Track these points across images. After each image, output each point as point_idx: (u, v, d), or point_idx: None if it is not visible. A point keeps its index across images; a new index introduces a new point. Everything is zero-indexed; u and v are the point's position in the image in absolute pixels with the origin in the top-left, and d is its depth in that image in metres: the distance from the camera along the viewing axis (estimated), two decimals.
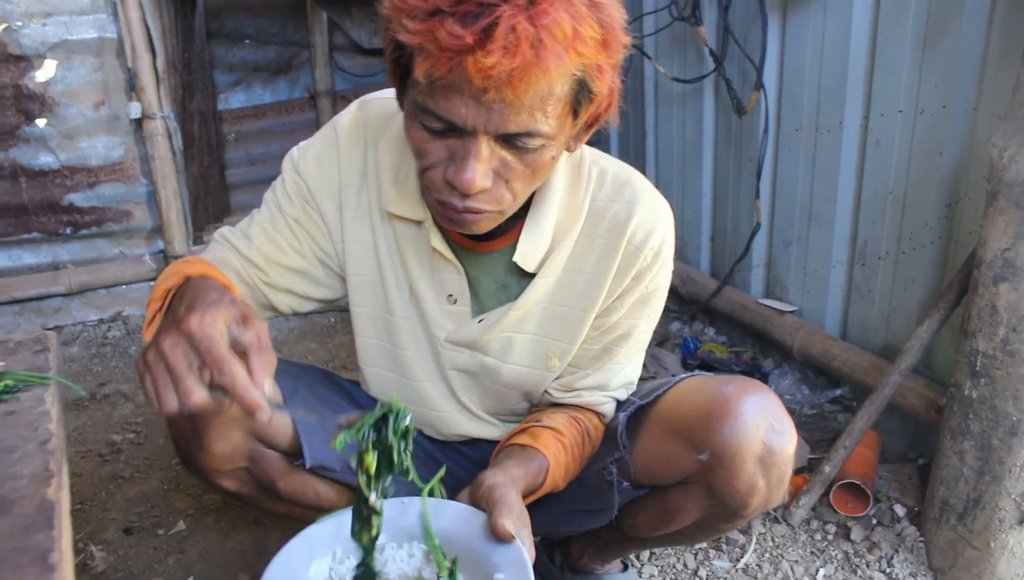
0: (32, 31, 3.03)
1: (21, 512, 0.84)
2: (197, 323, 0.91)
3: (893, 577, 1.89)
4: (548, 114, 1.03)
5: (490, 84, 0.95)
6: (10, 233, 3.26)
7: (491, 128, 1.02)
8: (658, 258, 1.34)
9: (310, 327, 3.56)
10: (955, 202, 2.11)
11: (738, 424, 1.26)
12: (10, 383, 1.13)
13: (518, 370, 1.41)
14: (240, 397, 0.89)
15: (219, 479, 1.38)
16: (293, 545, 1.10)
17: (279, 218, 1.38)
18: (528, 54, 0.93)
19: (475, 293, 1.37)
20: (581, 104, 1.08)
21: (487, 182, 1.08)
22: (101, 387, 2.97)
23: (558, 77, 0.98)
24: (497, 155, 1.07)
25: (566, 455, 1.37)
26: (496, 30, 0.92)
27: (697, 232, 3.30)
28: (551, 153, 1.11)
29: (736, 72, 2.84)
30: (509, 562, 1.05)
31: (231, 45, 4.39)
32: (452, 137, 1.07)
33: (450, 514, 1.15)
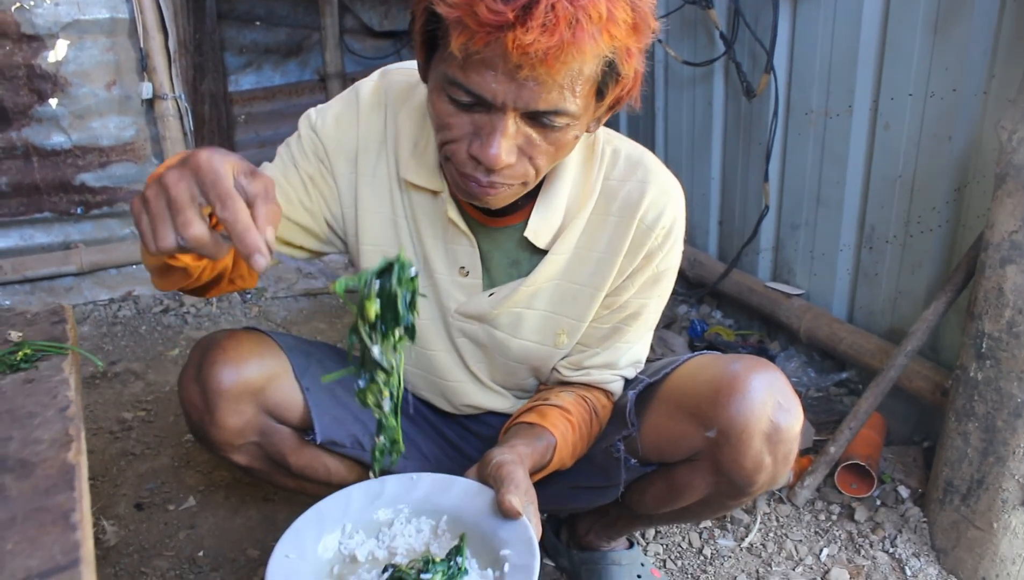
0: (45, 11, 3.04)
1: (43, 474, 0.86)
2: (206, 159, 0.86)
3: (896, 557, 1.91)
4: (577, 93, 1.05)
5: (526, 61, 0.96)
6: (22, 213, 3.28)
7: (520, 104, 1.04)
8: (669, 238, 1.35)
9: (319, 308, 3.58)
10: (964, 186, 2.12)
11: (745, 401, 1.27)
12: (29, 353, 1.16)
13: (527, 345, 1.43)
14: (240, 236, 0.84)
15: (230, 453, 1.40)
16: (303, 520, 1.12)
17: (292, 172, 1.38)
18: (565, 33, 0.94)
19: (487, 267, 1.39)
20: (608, 85, 1.09)
21: (512, 158, 1.10)
22: (112, 366, 3.00)
23: (591, 57, 1.00)
24: (522, 132, 1.09)
25: (574, 434, 1.39)
26: (536, 8, 0.93)
27: (705, 215, 3.31)
28: (575, 132, 1.12)
29: (746, 55, 2.84)
30: (515, 538, 1.06)
31: (242, 27, 4.41)
32: (479, 112, 1.08)
33: (458, 490, 1.17)
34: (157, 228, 0.86)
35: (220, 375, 1.29)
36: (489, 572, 1.06)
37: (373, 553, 1.12)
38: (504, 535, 1.08)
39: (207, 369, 1.31)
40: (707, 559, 1.93)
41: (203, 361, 1.32)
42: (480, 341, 1.45)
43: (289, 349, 1.44)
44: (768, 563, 1.92)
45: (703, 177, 3.26)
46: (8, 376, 1.12)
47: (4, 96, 3.08)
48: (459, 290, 1.40)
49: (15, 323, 1.28)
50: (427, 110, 1.17)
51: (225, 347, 1.33)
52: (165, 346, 3.19)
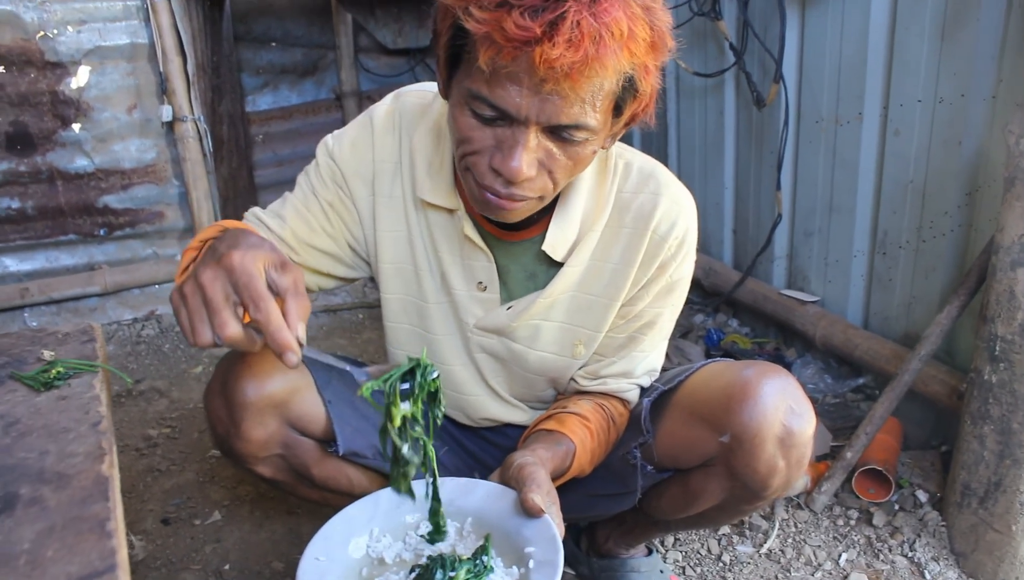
0: (67, 38, 3.11)
1: (79, 486, 0.90)
2: (239, 259, 0.94)
3: (915, 561, 1.92)
4: (597, 109, 1.08)
5: (551, 76, 0.99)
6: (47, 235, 3.35)
7: (543, 119, 1.07)
8: (682, 248, 1.38)
9: (339, 323, 3.63)
10: (974, 190, 2.13)
11: (758, 406, 1.29)
12: (62, 370, 1.20)
13: (545, 357, 1.46)
14: (273, 336, 0.92)
15: (255, 466, 1.43)
16: (332, 524, 1.16)
17: (312, 200, 1.42)
18: (590, 49, 0.97)
19: (504, 281, 1.42)
20: (626, 101, 1.12)
21: (532, 171, 1.12)
22: (137, 384, 3.05)
23: (612, 73, 1.03)
24: (543, 146, 1.11)
25: (592, 440, 1.41)
26: (563, 24, 0.96)
27: (719, 224, 3.33)
28: (593, 147, 1.15)
29: (756, 65, 2.86)
30: (539, 536, 1.09)
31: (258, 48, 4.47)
32: (501, 126, 1.11)
33: (481, 493, 1.20)
34: (195, 325, 0.94)
35: (245, 389, 1.32)
36: (514, 570, 1.08)
37: (400, 555, 1.16)
38: (528, 533, 1.10)
39: (232, 383, 1.34)
40: (726, 565, 1.94)
41: (228, 375, 1.35)
42: (498, 354, 1.48)
43: (311, 362, 1.47)
44: (787, 569, 1.93)
45: (716, 186, 3.29)
46: (43, 393, 1.16)
47: (29, 122, 3.16)
48: (477, 305, 1.43)
49: (47, 343, 1.32)
50: (448, 125, 1.21)
51: (249, 362, 1.36)
52: (188, 364, 3.24)
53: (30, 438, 1.02)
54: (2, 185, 3.21)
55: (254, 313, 0.92)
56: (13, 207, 3.25)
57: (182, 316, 0.96)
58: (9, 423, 1.07)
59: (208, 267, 0.95)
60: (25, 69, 3.10)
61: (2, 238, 3.28)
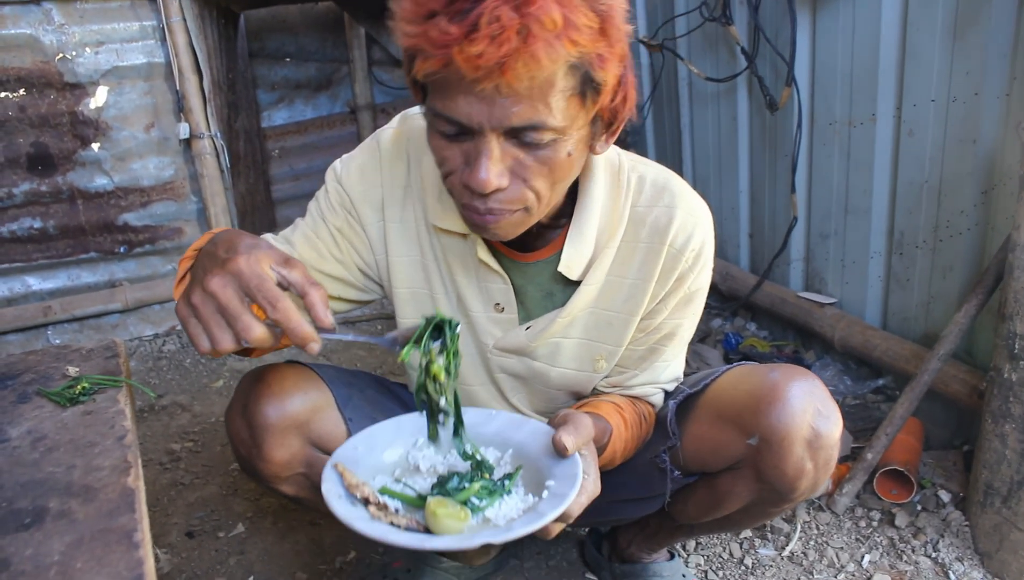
0: (85, 59, 3.16)
1: (106, 498, 0.92)
2: (245, 262, 0.96)
3: (939, 562, 1.91)
4: (552, 106, 1.03)
5: (481, 74, 0.96)
6: (69, 254, 3.39)
7: (495, 123, 1.03)
8: (699, 259, 1.36)
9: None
10: (991, 189, 2.12)
11: (786, 409, 1.30)
12: (87, 386, 1.22)
13: (566, 373, 1.45)
14: (294, 332, 0.95)
15: (279, 485, 1.44)
16: (382, 426, 1.23)
17: (322, 226, 1.42)
18: (515, 41, 0.93)
19: (521, 301, 1.41)
20: (588, 96, 1.07)
21: (503, 181, 1.09)
22: (159, 399, 3.08)
23: (552, 66, 0.98)
24: (510, 153, 1.08)
25: (627, 430, 1.40)
26: (481, 20, 0.93)
27: (735, 229, 3.33)
28: (566, 149, 1.10)
29: (768, 69, 2.87)
30: (562, 473, 1.11)
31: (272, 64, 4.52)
32: (466, 140, 1.09)
33: (528, 429, 1.23)
34: (213, 332, 0.96)
35: (265, 410, 1.34)
36: (530, 497, 1.11)
37: (435, 466, 1.19)
38: (555, 470, 1.13)
39: (252, 405, 1.35)
40: (748, 569, 1.94)
41: (248, 397, 1.37)
42: (519, 374, 1.48)
43: (331, 381, 1.48)
44: (810, 571, 1.92)
45: (731, 191, 3.29)
46: (68, 409, 1.18)
47: (50, 143, 3.21)
48: (496, 326, 1.42)
49: (72, 359, 1.35)
50: None
51: (269, 382, 1.37)
52: (210, 378, 3.26)
53: (57, 453, 1.04)
54: (24, 205, 3.26)
55: (272, 313, 0.94)
56: (35, 227, 3.30)
57: (191, 325, 0.97)
58: (37, 438, 1.09)
59: (214, 274, 0.96)
60: (45, 91, 3.15)
61: (25, 257, 3.32)
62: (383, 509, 1.07)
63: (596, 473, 1.17)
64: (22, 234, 3.29)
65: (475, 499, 1.10)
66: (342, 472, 1.11)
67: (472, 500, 1.09)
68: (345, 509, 1.04)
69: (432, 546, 1.01)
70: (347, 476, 1.10)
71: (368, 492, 1.09)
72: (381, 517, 1.06)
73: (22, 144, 3.17)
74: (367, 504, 1.08)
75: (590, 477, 1.14)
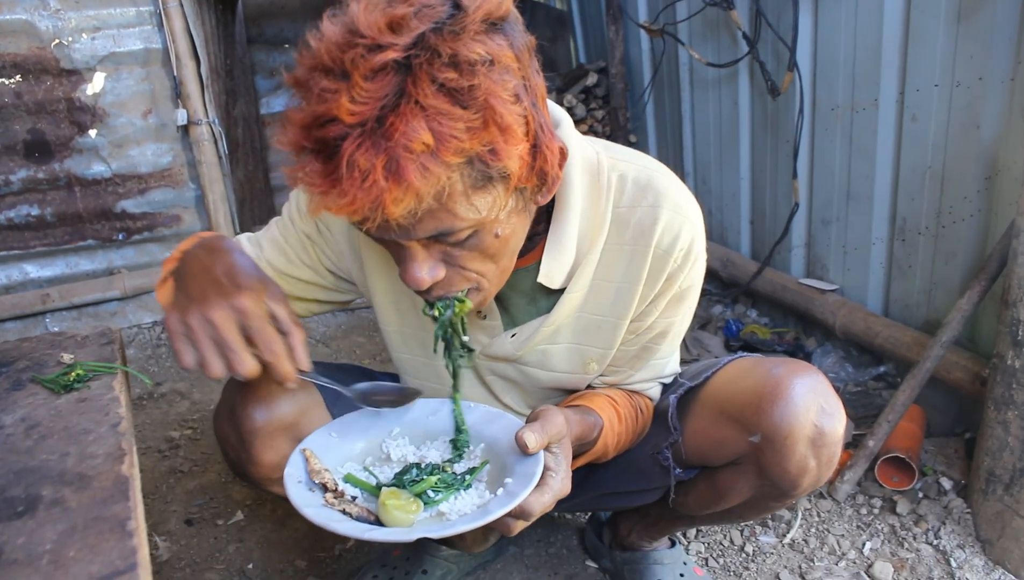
0: (82, 45, 3.14)
1: (99, 486, 0.91)
2: (251, 302, 0.98)
3: (940, 549, 1.90)
4: (456, 211, 0.97)
5: (363, 215, 0.91)
6: (67, 241, 3.37)
7: (404, 237, 0.99)
8: (689, 257, 1.30)
9: (357, 322, 3.63)
10: (994, 174, 2.11)
11: (789, 406, 1.28)
12: (81, 373, 1.21)
13: (557, 376, 1.43)
14: (277, 369, 0.99)
15: (270, 487, 1.41)
16: (361, 413, 1.26)
17: (291, 230, 1.41)
18: (383, 182, 0.87)
19: (504, 308, 1.37)
20: (493, 185, 0.99)
21: (438, 273, 1.06)
22: (158, 386, 3.07)
23: (432, 187, 0.91)
24: (436, 249, 1.05)
25: (620, 424, 1.39)
26: (339, 171, 0.88)
27: (736, 215, 3.31)
28: (493, 233, 1.05)
29: (770, 54, 2.85)
30: (521, 471, 1.11)
31: (271, 50, 4.48)
32: (390, 242, 1.05)
33: (501, 424, 1.23)
34: (206, 357, 0.97)
35: (253, 415, 1.32)
36: (487, 493, 1.12)
37: (406, 456, 1.21)
38: (517, 467, 1.12)
39: (239, 409, 1.33)
40: (749, 556, 1.93)
41: (235, 402, 1.35)
42: (509, 376, 1.46)
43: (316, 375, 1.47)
44: (810, 559, 1.92)
45: (733, 177, 3.27)
46: (63, 396, 1.17)
47: (46, 129, 3.19)
48: (481, 332, 1.39)
49: (67, 346, 1.34)
50: None
51: (255, 386, 1.34)
52: None
53: (51, 440, 1.03)
54: (21, 192, 3.24)
55: (267, 355, 0.98)
56: (33, 214, 3.28)
57: (181, 342, 0.98)
58: (30, 426, 1.08)
59: (218, 305, 0.98)
60: (41, 77, 3.12)
61: (23, 245, 3.31)
62: (339, 497, 1.07)
63: (566, 471, 1.14)
64: (20, 221, 3.27)
65: (430, 492, 1.10)
66: (308, 457, 1.12)
67: (427, 493, 1.10)
68: (299, 494, 1.06)
69: (370, 537, 1.00)
70: (312, 462, 1.12)
71: (328, 479, 1.10)
72: (334, 505, 1.07)
73: (18, 131, 3.15)
74: (325, 491, 1.09)
75: (557, 475, 1.11)
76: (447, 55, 0.89)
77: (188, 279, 1.04)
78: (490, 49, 0.93)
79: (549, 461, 1.12)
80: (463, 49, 0.90)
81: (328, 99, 0.88)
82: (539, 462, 1.09)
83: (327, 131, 0.88)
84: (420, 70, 0.88)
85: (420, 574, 1.80)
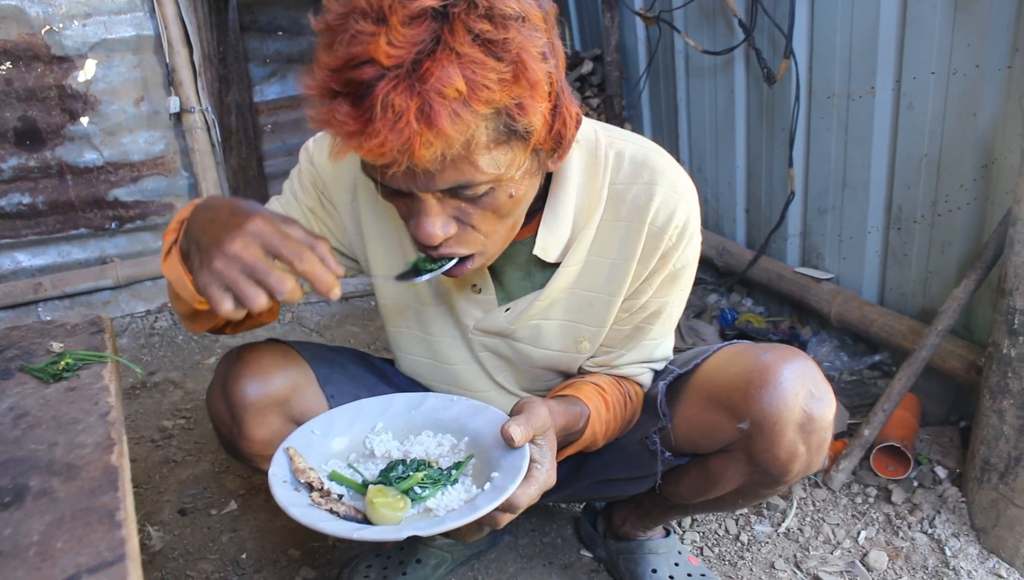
0: (73, 32, 3.11)
1: (88, 476, 0.89)
2: (263, 221, 0.97)
3: (935, 538, 1.90)
4: (478, 163, 0.99)
5: (390, 159, 0.93)
6: (59, 230, 3.36)
7: (422, 188, 1.01)
8: (683, 236, 1.30)
9: (351, 311, 3.62)
10: (991, 162, 2.10)
11: (777, 392, 1.27)
12: (71, 362, 1.20)
13: (549, 354, 1.43)
14: (321, 279, 0.95)
15: (261, 464, 1.41)
16: (344, 409, 1.24)
17: (294, 206, 1.41)
18: (415, 124, 0.89)
19: (499, 281, 1.38)
20: (514, 141, 1.02)
21: (449, 230, 1.08)
22: (151, 376, 3.05)
23: (464, 133, 0.94)
24: (451, 204, 1.06)
25: (608, 412, 1.38)
26: (374, 111, 0.89)
27: (732, 203, 3.30)
28: (507, 192, 1.07)
29: (766, 41, 2.83)
30: (508, 464, 1.10)
31: (264, 37, 4.44)
32: (404, 196, 1.07)
33: (485, 417, 1.23)
34: (245, 291, 0.94)
35: (245, 389, 1.32)
36: (474, 488, 1.12)
37: (390, 452, 1.20)
38: (503, 461, 1.12)
39: (231, 384, 1.34)
40: (744, 545, 1.93)
41: (227, 377, 1.35)
42: (502, 353, 1.46)
43: (312, 358, 1.46)
44: (805, 548, 1.91)
45: (728, 165, 3.26)
46: (52, 385, 1.15)
47: (37, 117, 3.16)
48: (475, 306, 1.39)
49: (56, 334, 1.32)
50: None
51: (248, 361, 1.35)
52: (202, 355, 3.24)
53: (39, 430, 1.02)
54: (12, 180, 3.21)
55: (299, 265, 0.95)
56: (24, 202, 3.26)
57: (214, 290, 0.96)
58: (19, 415, 1.06)
59: (233, 237, 0.96)
60: (32, 64, 3.10)
61: (14, 233, 3.29)
62: (326, 495, 1.07)
63: (551, 463, 1.15)
64: (11, 210, 3.25)
65: (417, 488, 1.10)
66: (292, 456, 1.11)
67: (414, 489, 1.09)
68: (285, 494, 1.04)
69: (359, 536, 0.99)
70: (296, 460, 1.10)
71: (313, 478, 1.09)
72: (321, 504, 1.06)
73: (9, 118, 3.13)
74: (311, 490, 1.08)
75: (543, 467, 1.12)
76: (483, 7, 0.93)
77: (198, 236, 1.03)
78: (522, 6, 0.97)
79: (534, 453, 1.12)
80: (498, 3, 0.94)
81: (365, 41, 0.90)
82: (525, 455, 1.09)
83: (361, 72, 0.90)
84: (456, 19, 0.91)
85: (415, 563, 1.80)
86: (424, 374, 1.55)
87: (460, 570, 1.88)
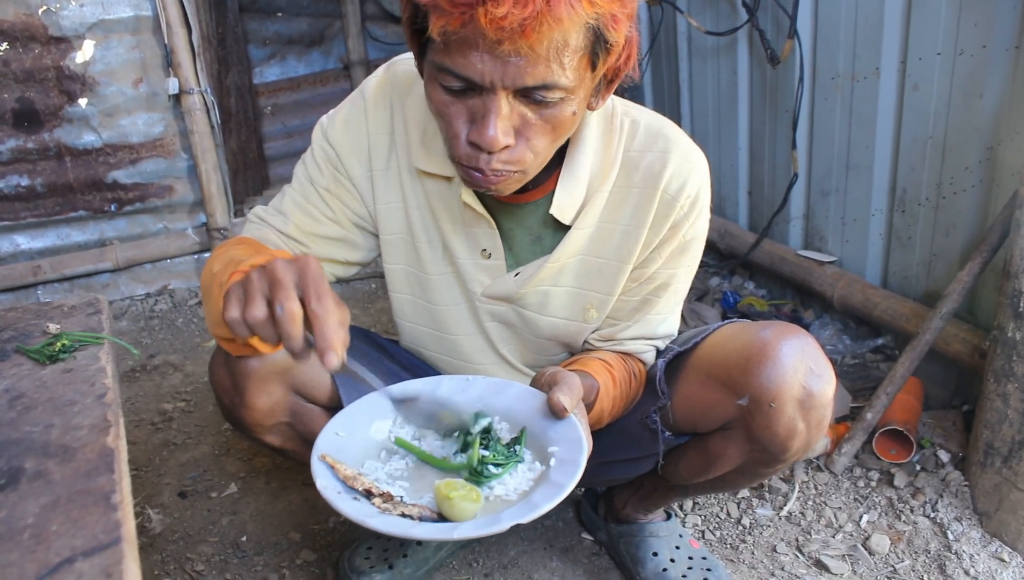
0: (71, 12, 3.08)
1: (84, 459, 0.88)
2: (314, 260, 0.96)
3: (938, 522, 1.89)
4: (565, 66, 1.03)
5: (503, 35, 0.94)
6: (57, 212, 3.33)
7: (508, 82, 1.02)
8: (695, 207, 1.33)
9: (352, 294, 3.61)
10: (997, 144, 2.08)
11: (776, 368, 1.27)
12: (67, 343, 1.18)
13: (555, 322, 1.43)
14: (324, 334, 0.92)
15: (262, 434, 1.41)
16: (358, 404, 1.19)
17: (310, 190, 1.40)
18: (539, 2, 0.93)
19: (509, 246, 1.38)
20: (599, 56, 1.07)
21: (509, 139, 1.08)
22: (151, 358, 3.05)
23: (571, 27, 0.98)
24: (517, 111, 1.07)
25: (615, 388, 1.38)
26: None
27: (734, 185, 3.28)
28: (571, 108, 1.10)
29: (769, 22, 2.80)
30: (564, 436, 1.09)
31: (264, 18, 4.42)
32: (472, 96, 1.07)
33: (511, 393, 1.20)
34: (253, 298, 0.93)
35: (247, 358, 1.31)
36: (537, 465, 1.09)
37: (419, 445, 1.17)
38: (553, 434, 1.11)
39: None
40: (746, 528, 1.93)
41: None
42: (508, 321, 1.45)
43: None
44: (807, 531, 1.91)
45: (731, 147, 3.24)
46: (48, 366, 1.14)
47: (35, 98, 3.13)
48: (483, 273, 1.40)
49: (52, 316, 1.31)
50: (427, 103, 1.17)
51: None
52: (202, 338, 3.23)
53: (35, 411, 1.01)
54: (11, 162, 3.19)
55: (315, 305, 0.92)
56: (22, 184, 3.23)
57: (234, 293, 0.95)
58: (14, 397, 1.05)
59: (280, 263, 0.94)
60: (29, 45, 3.06)
61: (13, 216, 3.27)
62: (389, 500, 1.03)
63: (588, 432, 1.15)
64: (9, 192, 3.22)
65: (492, 467, 1.07)
66: (332, 464, 1.07)
67: (488, 468, 1.06)
68: (352, 507, 1.00)
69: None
70: (339, 468, 1.06)
71: (369, 483, 1.05)
72: (390, 509, 1.02)
73: (7, 100, 3.10)
74: (370, 496, 1.04)
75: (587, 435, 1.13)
76: None
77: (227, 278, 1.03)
78: None
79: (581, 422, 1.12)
80: None
81: None
82: (577, 426, 1.09)
83: None
84: None
85: (415, 546, 1.79)
86: (427, 344, 1.54)
87: (460, 552, 1.88)
